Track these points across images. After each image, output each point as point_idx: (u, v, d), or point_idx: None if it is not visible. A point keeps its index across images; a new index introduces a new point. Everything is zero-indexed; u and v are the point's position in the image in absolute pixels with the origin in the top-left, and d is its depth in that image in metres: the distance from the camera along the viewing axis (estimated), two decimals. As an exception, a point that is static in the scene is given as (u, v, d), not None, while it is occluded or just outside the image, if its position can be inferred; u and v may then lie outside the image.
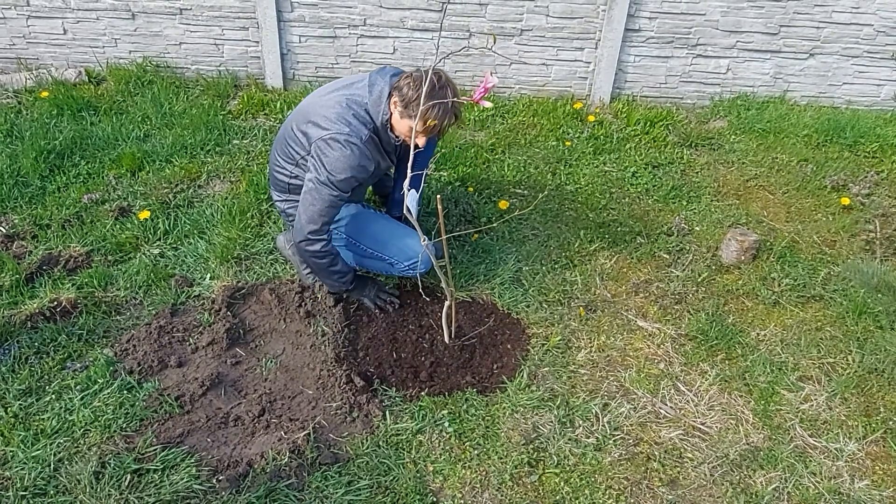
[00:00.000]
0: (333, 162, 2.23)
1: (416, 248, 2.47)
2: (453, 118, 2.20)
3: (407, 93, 2.16)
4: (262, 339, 2.51)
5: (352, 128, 2.23)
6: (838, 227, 3.19)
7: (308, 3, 3.84)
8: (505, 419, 2.25)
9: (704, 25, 3.94)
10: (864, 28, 3.95)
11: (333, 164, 2.23)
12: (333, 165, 2.23)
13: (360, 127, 2.24)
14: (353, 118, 2.25)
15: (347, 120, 2.24)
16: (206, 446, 2.10)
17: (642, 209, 3.27)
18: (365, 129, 2.25)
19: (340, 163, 2.22)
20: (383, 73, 2.33)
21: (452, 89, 2.16)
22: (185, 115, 3.66)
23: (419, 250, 2.46)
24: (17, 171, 3.16)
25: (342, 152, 2.22)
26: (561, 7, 3.87)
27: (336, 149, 2.22)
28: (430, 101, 2.09)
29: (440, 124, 2.17)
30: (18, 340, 2.36)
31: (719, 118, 4.02)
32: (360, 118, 2.26)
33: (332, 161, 2.23)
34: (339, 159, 2.22)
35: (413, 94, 2.14)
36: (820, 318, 2.73)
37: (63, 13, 3.89)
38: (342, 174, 2.23)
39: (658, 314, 2.71)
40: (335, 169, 2.22)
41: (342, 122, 2.24)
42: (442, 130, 2.21)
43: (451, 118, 2.18)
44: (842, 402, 2.39)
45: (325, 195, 2.25)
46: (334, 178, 2.23)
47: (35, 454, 2.00)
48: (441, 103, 2.12)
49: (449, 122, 2.19)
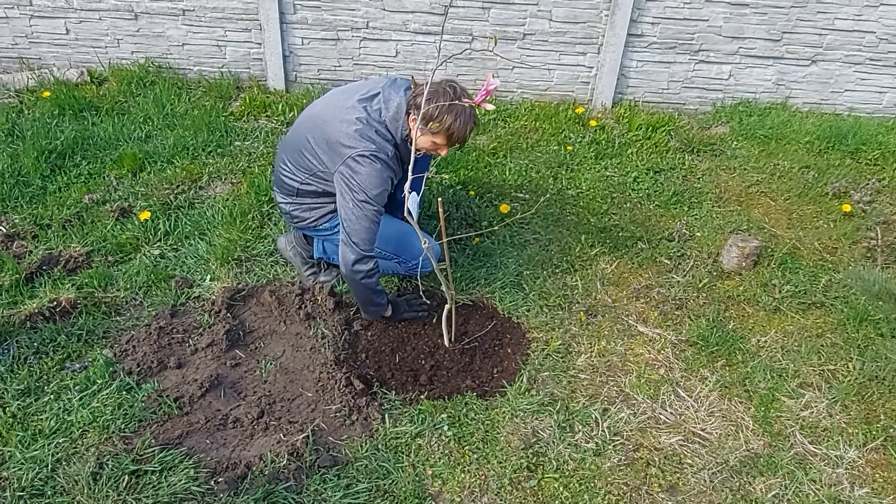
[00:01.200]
0: (366, 179, 2.26)
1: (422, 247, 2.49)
2: (474, 126, 2.26)
3: (427, 110, 2.18)
4: (262, 340, 2.51)
5: (378, 144, 2.28)
6: (839, 234, 3.19)
7: (311, 5, 3.85)
8: (504, 423, 2.24)
9: (707, 31, 3.94)
10: (866, 35, 3.95)
11: (366, 180, 2.26)
12: (366, 182, 2.26)
13: (385, 144, 2.29)
14: (375, 135, 2.29)
15: (371, 137, 2.28)
16: (204, 448, 2.09)
17: (643, 214, 3.27)
18: (389, 145, 2.30)
19: (373, 178, 2.26)
20: (395, 86, 2.36)
21: (467, 97, 2.21)
22: (187, 117, 3.66)
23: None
24: (19, 170, 3.16)
25: (372, 167, 2.26)
26: (564, 12, 3.87)
27: (366, 165, 2.26)
28: (451, 113, 2.16)
29: (463, 134, 2.23)
30: (18, 340, 2.35)
31: (721, 124, 4.02)
32: (382, 135, 2.30)
33: (364, 178, 2.26)
34: (371, 175, 2.26)
35: (433, 111, 2.17)
36: (821, 324, 2.72)
37: (66, 13, 3.90)
38: (376, 189, 2.27)
39: (659, 319, 2.71)
40: (368, 186, 2.26)
41: (367, 140, 2.28)
42: (465, 139, 2.27)
43: (472, 126, 2.24)
44: (842, 409, 2.39)
45: (368, 212, 2.28)
46: (370, 193, 2.27)
47: (33, 454, 1.99)
48: (462, 115, 2.18)
49: (471, 131, 2.25)
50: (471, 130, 2.25)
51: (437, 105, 2.16)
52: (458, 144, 2.32)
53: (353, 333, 2.56)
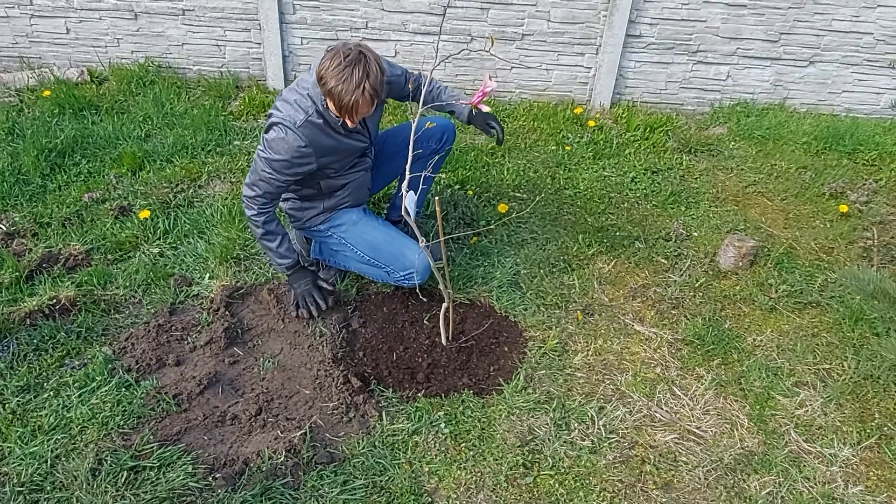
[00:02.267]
0: (270, 142, 2.27)
1: (413, 259, 2.46)
2: (360, 97, 2.08)
3: (318, 70, 2.11)
4: (260, 338, 2.52)
5: (286, 113, 2.25)
6: (836, 234, 3.20)
7: (310, 5, 3.86)
8: (501, 421, 2.25)
9: (705, 32, 3.96)
10: (863, 36, 3.96)
11: (270, 143, 2.27)
12: (270, 145, 2.27)
13: (297, 113, 2.24)
14: (293, 104, 2.26)
15: (286, 106, 2.26)
16: (202, 444, 2.11)
17: (641, 214, 3.28)
18: (301, 114, 2.23)
19: (276, 144, 2.25)
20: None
21: (365, 67, 2.05)
22: (187, 116, 3.68)
23: (415, 261, 2.46)
24: (19, 169, 3.17)
25: (277, 134, 2.25)
26: (562, 12, 3.89)
27: (274, 131, 2.26)
28: (336, 77, 2.06)
29: (348, 101, 2.08)
30: (17, 337, 2.37)
31: (719, 125, 4.03)
32: (300, 103, 2.25)
33: (269, 141, 2.27)
34: (275, 140, 2.25)
35: (321, 71, 2.10)
36: (816, 324, 2.74)
37: (66, 13, 3.91)
38: (276, 156, 2.25)
39: (655, 319, 2.72)
40: (271, 148, 2.26)
41: (282, 107, 2.27)
42: (352, 109, 2.11)
43: (356, 97, 2.07)
44: (837, 407, 2.40)
45: (259, 169, 2.30)
46: (269, 156, 2.26)
47: (32, 450, 2.01)
48: (347, 80, 2.05)
49: (355, 101, 2.08)
50: (355, 100, 2.07)
51: (326, 66, 2.07)
52: (348, 114, 2.15)
53: (350, 331, 2.57)
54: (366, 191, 2.66)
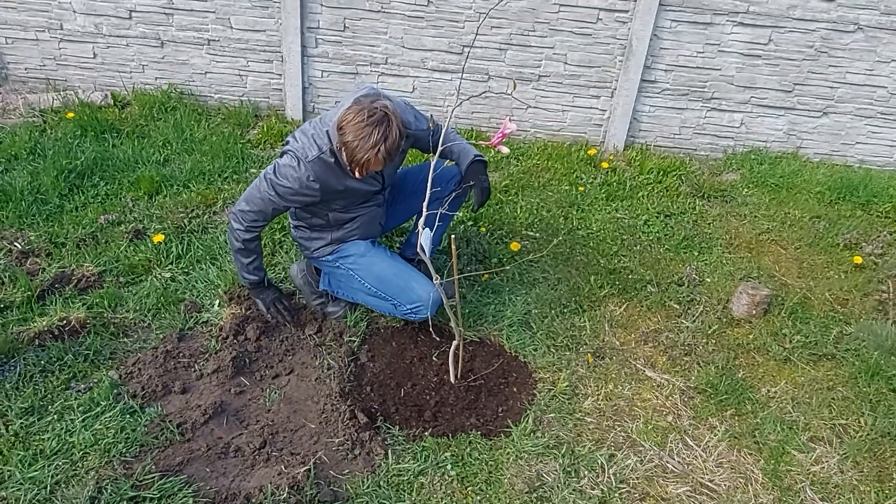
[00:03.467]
0: (281, 167, 2.29)
1: (421, 293, 2.44)
2: (373, 158, 2.10)
3: (340, 120, 2.13)
4: (268, 369, 2.49)
5: (302, 144, 2.27)
6: (850, 285, 3.17)
7: (332, 40, 3.94)
8: (509, 465, 2.21)
9: (719, 80, 4.00)
10: (877, 90, 4.00)
11: (279, 169, 2.29)
12: (279, 169, 2.29)
13: (310, 147, 2.26)
14: (310, 137, 2.28)
15: (305, 139, 2.29)
16: (204, 476, 2.07)
17: (653, 257, 3.27)
18: (315, 149, 2.25)
19: (284, 170, 2.28)
20: (357, 94, 2.29)
21: (385, 130, 2.08)
22: (206, 142, 3.72)
23: (423, 295, 2.43)
24: (38, 188, 3.20)
25: (288, 162, 2.28)
26: (579, 56, 3.95)
27: (285, 160, 2.29)
28: (353, 133, 2.08)
29: (361, 158, 2.11)
30: (25, 358, 2.35)
31: (732, 171, 4.05)
32: (317, 138, 2.27)
33: (279, 167, 2.29)
34: (285, 167, 2.28)
35: (342, 122, 2.12)
36: (832, 377, 2.69)
37: (95, 38, 4.01)
38: (282, 181, 2.27)
39: (667, 365, 2.69)
40: (279, 172, 2.29)
41: (300, 139, 2.30)
42: (362, 166, 2.15)
43: (369, 156, 2.10)
44: (854, 465, 2.34)
45: (262, 188, 2.31)
46: (275, 179, 2.28)
47: (32, 475, 1.98)
48: (365, 139, 2.07)
49: (366, 161, 2.12)
50: (367, 160, 2.10)
51: (349, 119, 2.09)
52: (357, 168, 2.18)
53: (358, 365, 2.55)
54: (377, 226, 2.64)
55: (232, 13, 3.89)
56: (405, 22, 3.87)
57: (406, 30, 3.89)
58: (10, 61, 4.09)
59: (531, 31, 3.88)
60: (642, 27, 3.79)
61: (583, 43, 3.91)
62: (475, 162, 2.49)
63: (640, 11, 3.75)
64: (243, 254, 2.47)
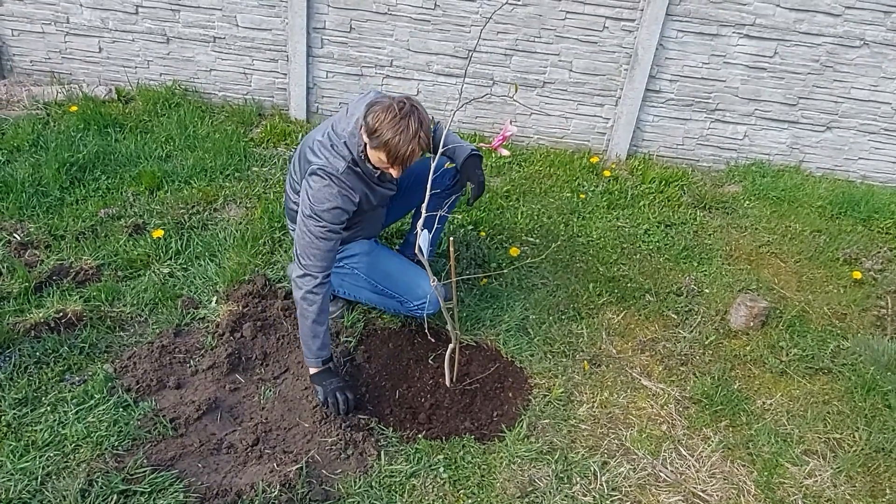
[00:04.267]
0: (315, 193, 2.22)
1: (427, 289, 2.45)
2: (416, 147, 2.11)
3: (371, 123, 2.12)
4: (263, 367, 2.49)
5: (328, 160, 2.24)
6: (849, 300, 3.17)
7: (338, 40, 3.95)
8: (501, 469, 2.20)
9: (724, 92, 4.01)
10: (881, 106, 4.00)
11: (315, 195, 2.22)
12: (315, 196, 2.22)
13: (337, 160, 2.24)
14: (331, 150, 2.25)
15: (326, 153, 2.25)
16: (196, 472, 2.06)
17: (653, 267, 3.27)
18: (342, 161, 2.24)
19: (321, 193, 2.22)
20: (363, 100, 2.30)
21: (418, 117, 2.10)
22: (208, 139, 3.73)
23: (429, 291, 2.45)
24: (39, 180, 3.21)
25: (321, 183, 2.22)
26: (584, 63, 3.95)
27: (315, 181, 2.23)
28: (392, 129, 2.07)
29: (404, 153, 2.11)
30: (20, 349, 2.35)
31: (734, 183, 4.05)
32: (338, 150, 2.25)
33: (314, 192, 2.23)
34: (320, 190, 2.22)
35: (375, 124, 2.11)
36: (827, 391, 2.68)
37: (101, 33, 4.02)
38: (323, 205, 2.21)
39: (663, 374, 2.68)
40: (316, 199, 2.22)
41: (322, 155, 2.26)
42: (406, 160, 2.14)
43: (412, 147, 2.10)
44: (847, 480, 2.33)
45: (311, 227, 2.21)
46: (317, 208, 2.21)
47: (23, 466, 1.97)
48: (403, 132, 2.07)
49: (412, 151, 2.12)
50: (411, 150, 2.10)
51: (381, 118, 2.08)
52: (400, 164, 2.17)
53: (354, 366, 2.54)
54: (379, 225, 2.67)
55: (238, 11, 3.91)
56: (411, 25, 3.88)
57: (412, 32, 3.90)
58: (15, 53, 4.11)
59: (537, 38, 3.89)
60: (648, 37, 3.80)
61: (588, 51, 3.91)
62: (471, 156, 2.48)
63: (647, 21, 3.76)
64: (320, 321, 2.24)
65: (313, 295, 2.21)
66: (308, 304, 2.22)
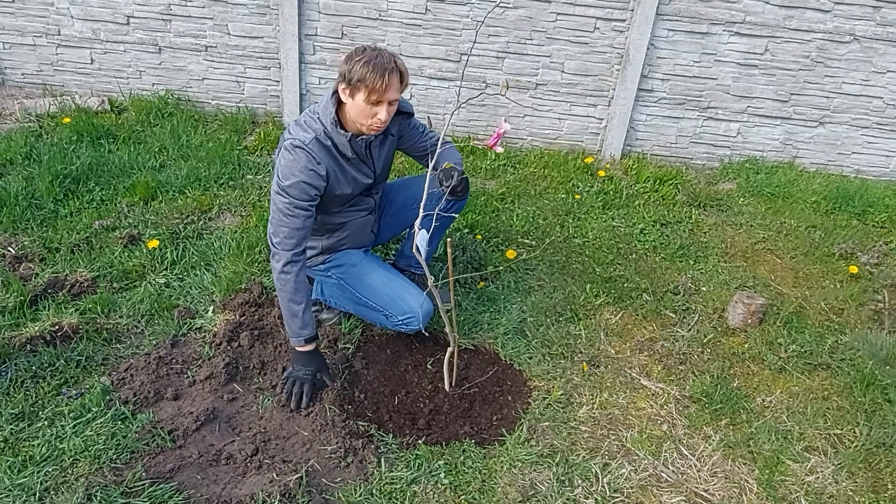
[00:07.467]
0: (282, 169, 2.21)
1: (412, 304, 2.41)
2: (395, 76, 2.11)
3: (344, 69, 2.12)
4: (261, 376, 2.48)
5: (295, 133, 2.23)
6: (846, 295, 3.17)
7: (330, 47, 3.95)
8: (502, 473, 2.19)
9: (716, 89, 4.02)
10: (873, 100, 4.02)
11: (282, 170, 2.21)
12: (282, 171, 2.21)
13: (304, 133, 2.22)
14: (302, 125, 2.25)
15: (297, 129, 2.25)
16: (195, 484, 2.05)
17: (649, 266, 3.27)
18: (309, 133, 2.22)
19: (287, 169, 2.20)
20: None
21: (389, 52, 2.13)
22: (202, 148, 3.72)
23: (415, 306, 2.40)
24: (32, 193, 3.20)
25: (287, 157, 2.21)
26: (576, 64, 3.96)
27: (285, 156, 2.22)
28: (363, 62, 2.07)
29: (384, 82, 2.09)
30: (16, 363, 2.34)
31: (728, 180, 4.05)
32: (308, 124, 2.24)
33: (281, 168, 2.22)
34: (286, 165, 2.20)
35: (347, 66, 2.11)
36: (827, 387, 2.69)
37: (92, 44, 4.01)
38: (289, 180, 2.18)
39: (662, 374, 2.68)
40: (283, 175, 2.20)
41: (292, 130, 2.25)
42: (386, 88, 2.11)
43: (389, 73, 2.09)
44: (849, 475, 2.33)
45: (279, 203, 2.20)
46: (283, 183, 2.19)
47: (21, 482, 1.96)
48: (375, 61, 2.07)
49: (390, 79, 2.10)
50: (390, 78, 2.09)
51: (352, 58, 2.09)
52: (383, 98, 2.13)
53: (352, 373, 2.54)
54: (368, 234, 2.62)
55: (230, 20, 3.90)
56: (403, 30, 3.88)
57: (403, 37, 3.90)
58: (7, 66, 4.10)
59: (528, 40, 3.89)
60: (639, 36, 3.81)
61: (580, 52, 3.92)
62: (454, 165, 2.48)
63: (638, 21, 3.77)
64: (297, 300, 2.23)
65: (285, 274, 2.22)
66: (282, 283, 2.23)
